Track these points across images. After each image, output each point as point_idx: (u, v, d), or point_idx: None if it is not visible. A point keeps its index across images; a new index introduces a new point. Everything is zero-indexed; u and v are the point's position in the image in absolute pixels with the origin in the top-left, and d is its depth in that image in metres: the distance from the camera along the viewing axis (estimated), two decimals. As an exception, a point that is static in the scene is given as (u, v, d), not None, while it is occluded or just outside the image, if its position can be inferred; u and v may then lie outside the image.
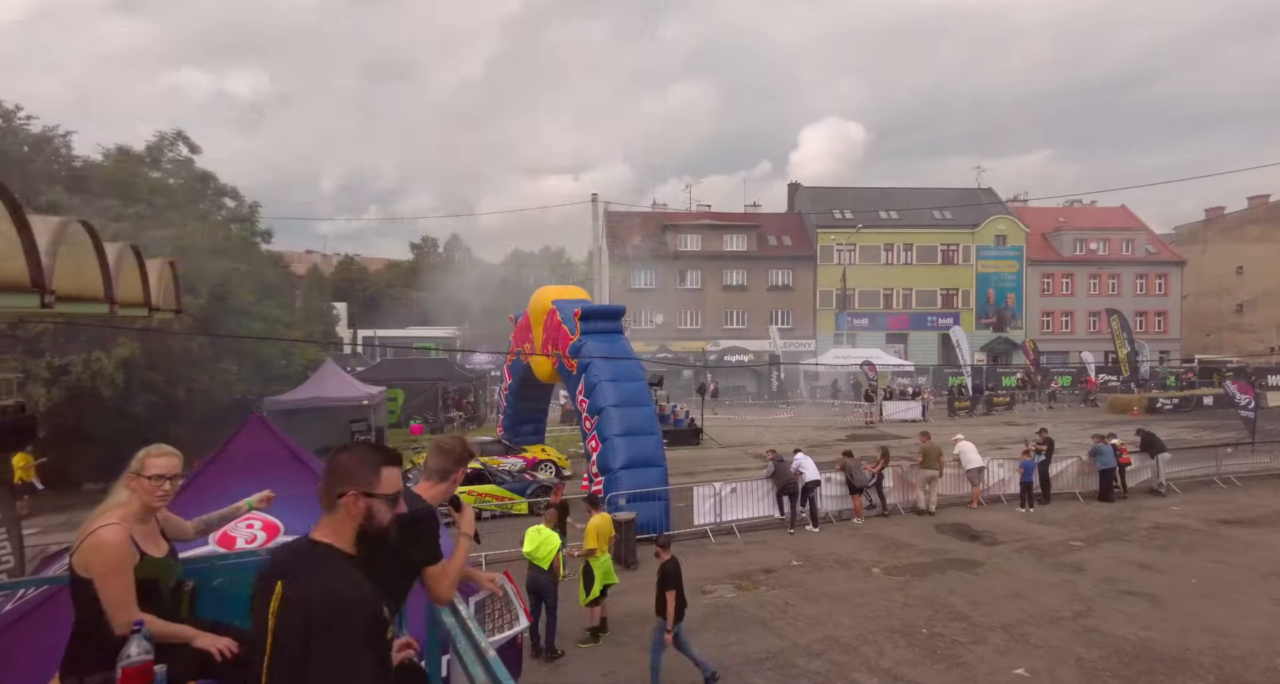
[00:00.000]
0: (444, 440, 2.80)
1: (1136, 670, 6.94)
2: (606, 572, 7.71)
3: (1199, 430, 23.78)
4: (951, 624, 8.13)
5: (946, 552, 10.99)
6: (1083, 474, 14.75)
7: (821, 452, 19.56)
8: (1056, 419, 27.36)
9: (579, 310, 13.61)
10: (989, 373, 36.87)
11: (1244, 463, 16.47)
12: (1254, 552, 10.83)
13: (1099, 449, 14.45)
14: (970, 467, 13.83)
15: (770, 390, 36.98)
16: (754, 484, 12.62)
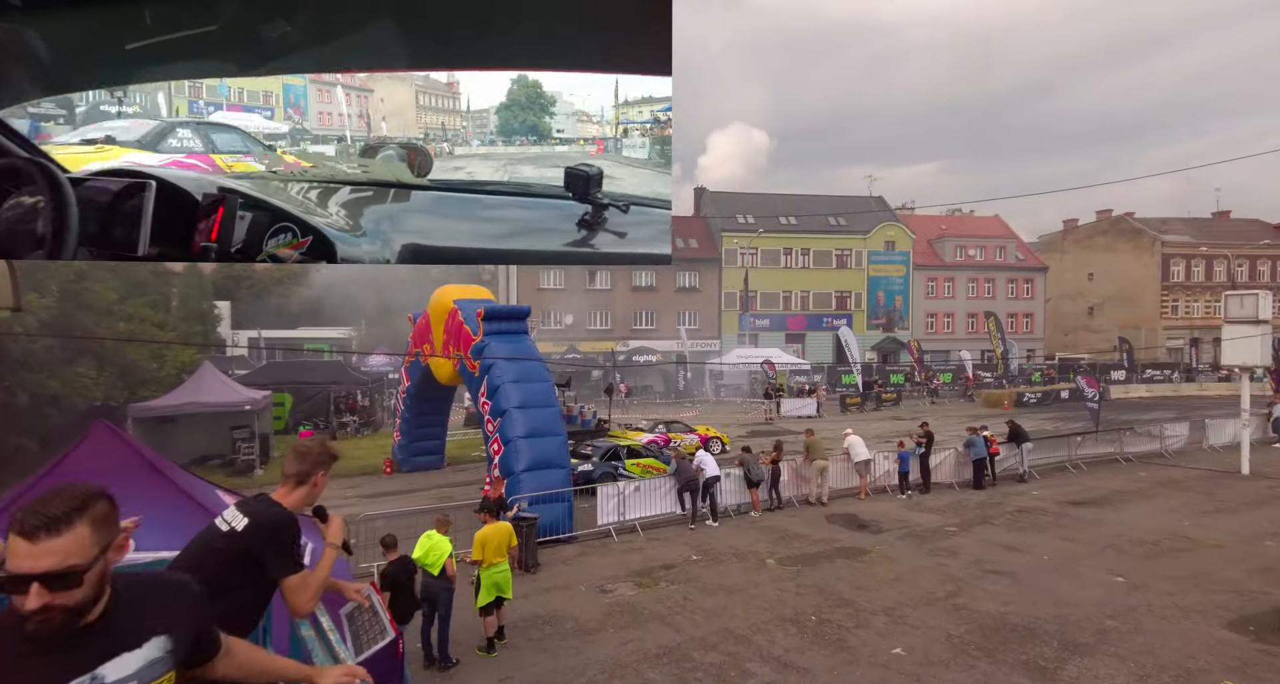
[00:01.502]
0: (301, 443, 2.68)
1: (995, 642, 7.59)
2: (498, 584, 7.48)
3: (1056, 421, 26.27)
4: (838, 610, 8.58)
5: (836, 541, 11.58)
6: (959, 464, 15.95)
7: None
8: (938, 413, 29.46)
9: (482, 310, 13.34)
10: (878, 371, 39.19)
11: (1091, 450, 18.37)
12: (1095, 528, 12.10)
13: (972, 441, 15.69)
14: (858, 459, 14.66)
15: (677, 390, 37.68)
16: (657, 482, 12.81)
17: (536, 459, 11.65)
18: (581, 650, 7.58)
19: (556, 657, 7.46)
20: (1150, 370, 42.13)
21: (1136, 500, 14.32)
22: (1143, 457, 18.74)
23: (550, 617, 8.51)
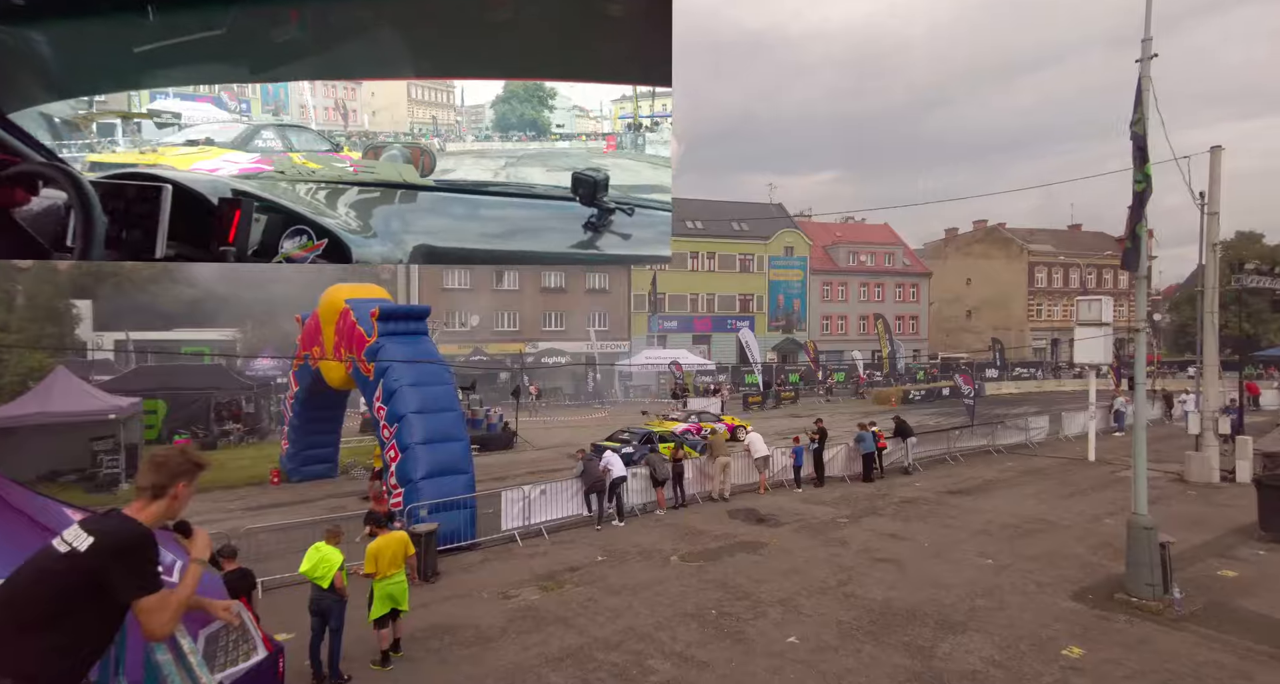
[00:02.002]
0: (158, 452, 2.48)
1: (880, 626, 8.09)
2: (392, 596, 7.19)
3: (938, 416, 28.30)
4: (737, 603, 8.86)
5: (736, 536, 11.95)
6: (850, 459, 16.85)
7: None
8: (832, 411, 30.98)
9: (377, 310, 12.78)
10: (778, 370, 40.78)
11: (967, 442, 19.93)
12: (970, 515, 13.14)
13: (861, 436, 16.63)
14: (758, 456, 15.20)
15: (587, 391, 37.63)
16: (563, 485, 12.74)
17: (437, 466, 11.30)
18: (481, 658, 7.43)
19: (455, 666, 7.28)
20: (1019, 368, 46.26)
21: (1004, 488, 15.66)
22: (1011, 448, 20.52)
23: (450, 626, 8.28)
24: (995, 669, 6.97)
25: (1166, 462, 17.12)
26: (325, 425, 17.11)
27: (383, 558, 7.17)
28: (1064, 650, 7.36)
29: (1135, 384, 9.89)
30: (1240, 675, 6.83)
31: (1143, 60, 8.61)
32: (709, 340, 46.21)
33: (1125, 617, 8.26)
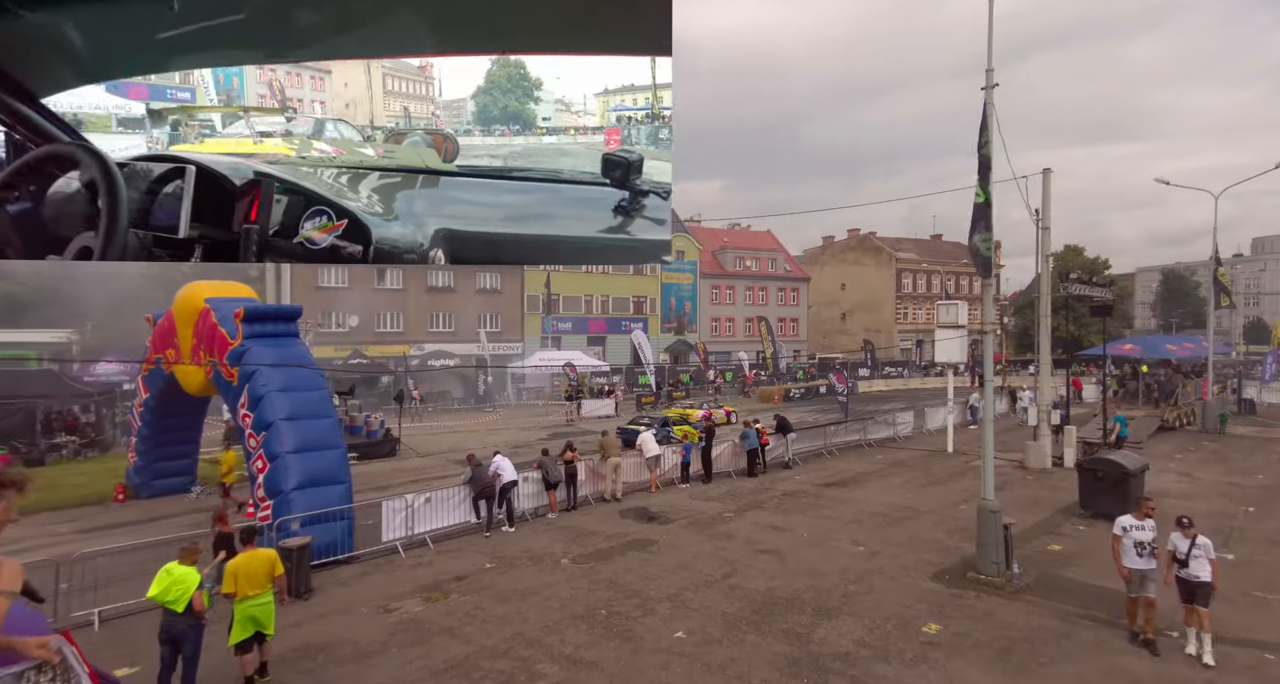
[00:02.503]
0: None
1: (762, 615, 8.45)
2: (254, 618, 6.65)
3: (816, 413, 29.97)
4: (627, 601, 8.96)
5: (628, 535, 12.08)
6: (735, 455, 17.49)
7: (524, 452, 20.01)
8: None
9: (241, 310, 11.80)
10: (670, 371, 41.64)
11: (842, 438, 21.25)
12: (844, 506, 14.02)
13: (746, 433, 17.32)
14: (649, 455, 15.44)
15: (478, 394, 36.62)
16: (450, 492, 12.33)
17: (310, 475, 10.60)
18: (360, 676, 7.05)
19: (330, 689, 6.85)
20: (888, 367, 49.88)
21: (875, 479, 16.83)
22: (880, 441, 22.09)
23: (325, 644, 7.79)
24: (864, 650, 7.48)
25: (1011, 451, 19.07)
26: (181, 435, 15.56)
27: (242, 577, 6.61)
28: (924, 627, 8.02)
29: (984, 381, 10.96)
30: (1062, 636, 7.75)
31: (987, 89, 9.57)
32: (603, 342, 46.38)
33: (975, 593, 9.12)
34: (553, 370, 36.48)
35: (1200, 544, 7.03)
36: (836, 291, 61.86)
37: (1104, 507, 12.53)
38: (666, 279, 49.17)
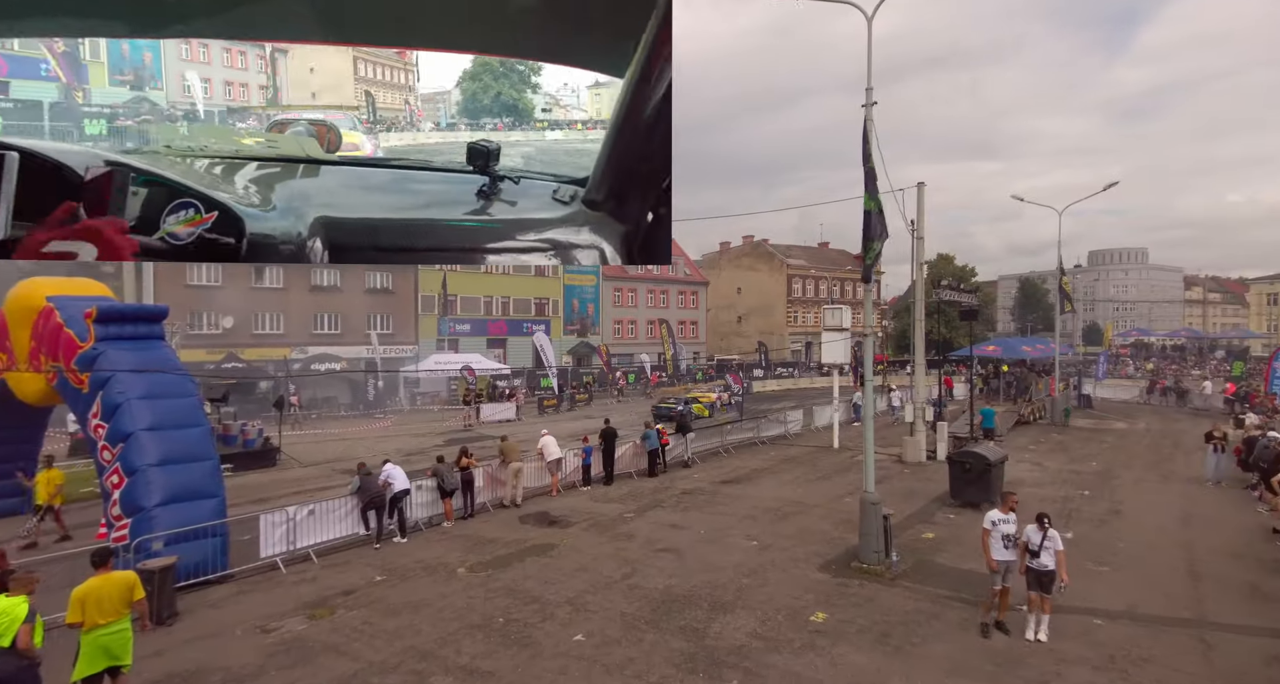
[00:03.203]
0: None
1: (660, 613, 8.59)
2: (106, 649, 5.98)
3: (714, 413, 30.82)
4: (526, 608, 8.83)
5: (528, 540, 11.91)
6: (636, 455, 17.67)
7: (419, 459, 19.27)
8: (623, 411, 32.22)
9: (93, 310, 10.62)
10: (573, 373, 41.49)
11: (737, 436, 21.99)
12: (739, 502, 14.51)
13: (647, 434, 17.55)
14: (550, 459, 15.30)
15: (367, 400, 34.84)
16: (336, 502, 11.66)
17: (176, 490, 9.69)
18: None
19: (198, 722, 6.31)
20: (780, 368, 52.10)
21: (768, 476, 17.52)
22: (773, 439, 23.03)
23: (192, 672, 7.16)
24: (757, 641, 7.77)
25: (891, 446, 20.43)
26: (15, 449, 13.79)
27: (91, 604, 5.94)
28: (812, 617, 8.44)
29: (864, 381, 11.68)
30: (934, 617, 8.40)
31: (866, 106, 10.24)
32: (504, 344, 45.51)
33: (858, 581, 9.69)
34: (449, 374, 35.37)
35: (1051, 536, 7.53)
36: (733, 295, 63.93)
37: (970, 496, 13.71)
38: (569, 281, 48.98)
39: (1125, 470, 17.59)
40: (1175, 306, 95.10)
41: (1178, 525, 12.45)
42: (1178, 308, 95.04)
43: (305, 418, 29.64)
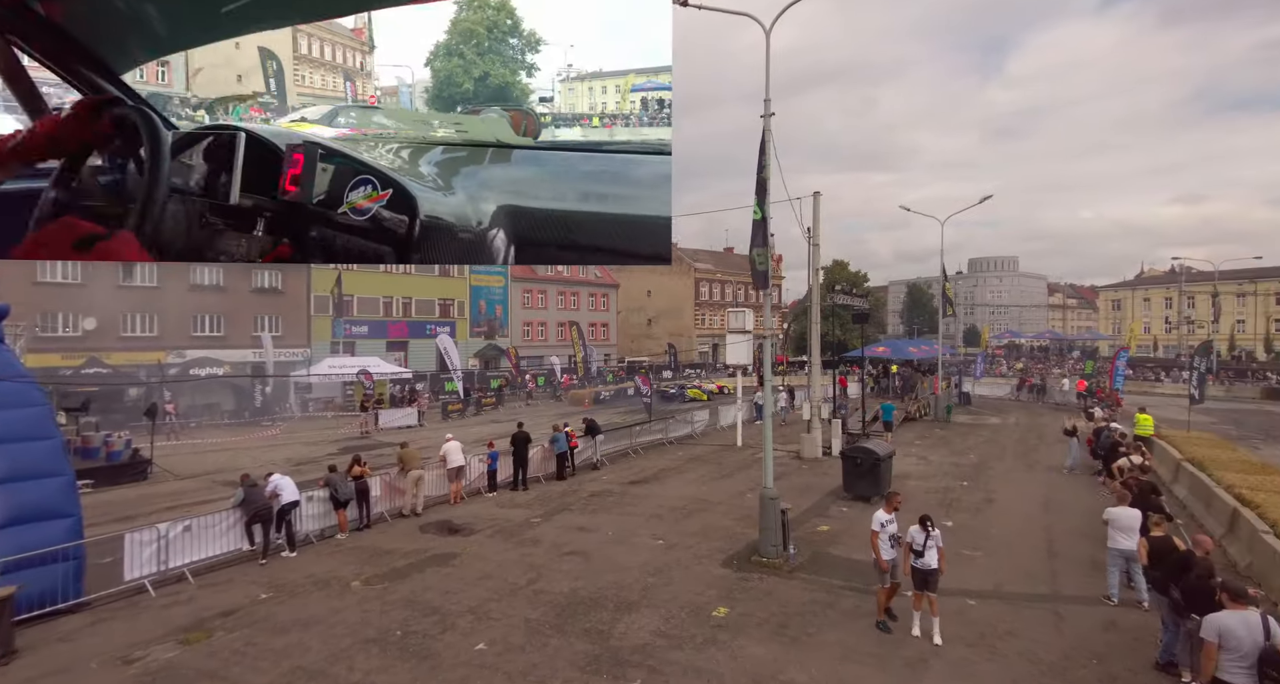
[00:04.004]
0: None
1: (566, 617, 8.53)
2: None
3: (624, 414, 30.99)
4: (425, 619, 8.52)
5: (428, 550, 11.50)
6: (545, 459, 17.47)
7: (310, 469, 18.24)
8: (532, 413, 31.84)
9: (-84, 308, 9.34)
10: (480, 377, 40.52)
11: (646, 437, 22.20)
12: (646, 502, 14.65)
13: (555, 437, 17.39)
14: (452, 465, 14.85)
15: (254, 407, 32.54)
16: (217, 517, 10.82)
17: (18, 511, 8.65)
18: (87, 748, 5.90)
19: (44, 768, 5.65)
20: (688, 369, 53.11)
21: (675, 475, 17.80)
22: (680, 439, 23.43)
23: (38, 717, 6.41)
24: (660, 639, 7.86)
25: (790, 443, 21.27)
26: None
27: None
28: (714, 612, 8.63)
29: (764, 381, 12.10)
30: (828, 606, 8.81)
31: (765, 117, 10.63)
32: (405, 347, 43.80)
33: (758, 575, 10.01)
34: (345, 379, 33.64)
35: (934, 535, 7.79)
36: (643, 298, 64.60)
37: (862, 489, 14.49)
38: (476, 282, 47.84)
39: (998, 462, 19.15)
40: (1041, 310, 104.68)
41: (1040, 510, 13.68)
42: (1043, 312, 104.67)
43: (183, 427, 27.35)
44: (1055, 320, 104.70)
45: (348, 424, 28.86)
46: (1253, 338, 65.94)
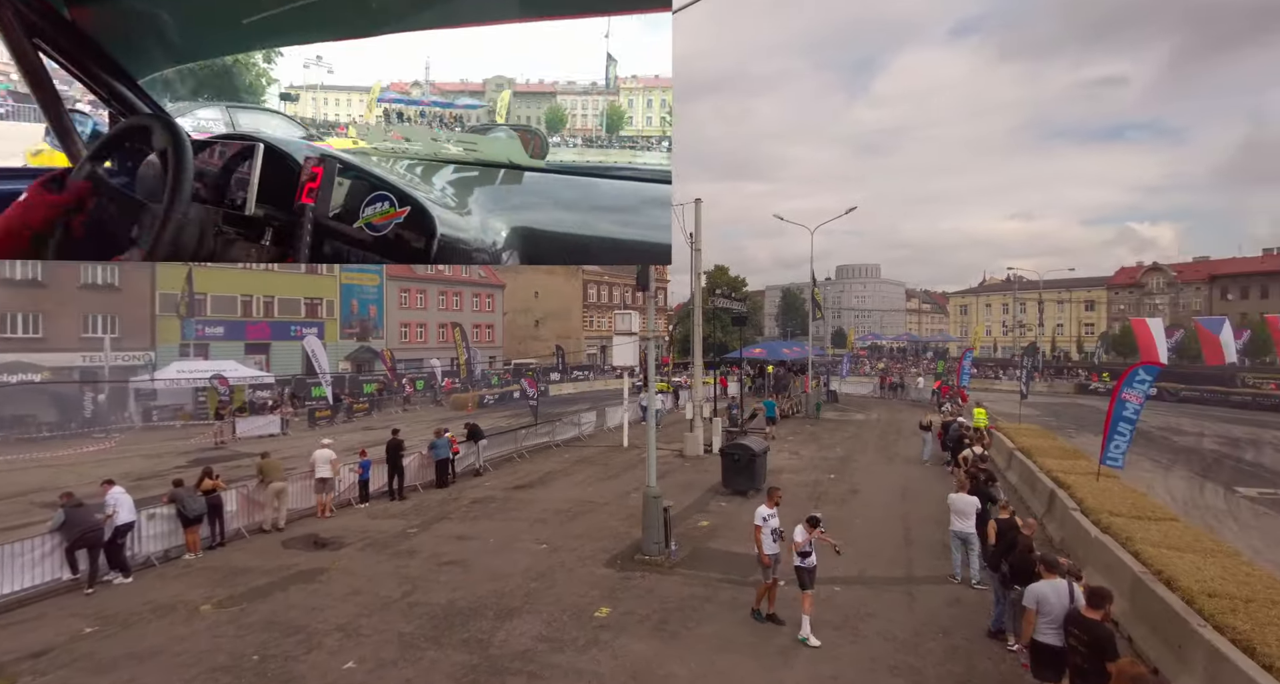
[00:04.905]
0: None
1: (443, 629, 8.22)
2: None
3: (510, 418, 30.37)
4: (287, 640, 7.91)
5: (293, 566, 10.69)
6: (423, 466, 16.75)
7: (154, 484, 16.45)
8: (410, 420, 30.42)
9: None
10: (352, 381, 38.21)
11: (533, 441, 21.89)
12: (530, 507, 14.44)
13: (435, 443, 16.73)
14: (318, 476, 13.89)
15: (82, 417, 28.79)
16: (27, 543, 9.44)
17: None
18: None
19: None
20: (576, 371, 52.97)
21: (561, 477, 17.68)
22: (568, 441, 23.31)
23: None
24: (542, 644, 7.77)
25: (675, 442, 21.76)
26: None
27: None
28: (596, 613, 8.65)
29: (648, 382, 12.31)
30: (707, 600, 9.09)
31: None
32: (267, 350, 40.54)
33: (641, 573, 10.15)
34: (196, 384, 30.59)
35: (813, 536, 7.90)
36: (531, 299, 63.67)
37: (739, 484, 15.09)
38: (348, 280, 45.15)
39: (862, 455, 20.61)
40: (900, 314, 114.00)
41: (898, 500, 14.87)
42: (902, 316, 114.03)
43: (-12, 442, 23.70)
44: (912, 324, 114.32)
45: (200, 434, 26.28)
46: (1069, 340, 75.37)
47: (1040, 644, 5.77)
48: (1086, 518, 10.25)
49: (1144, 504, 10.80)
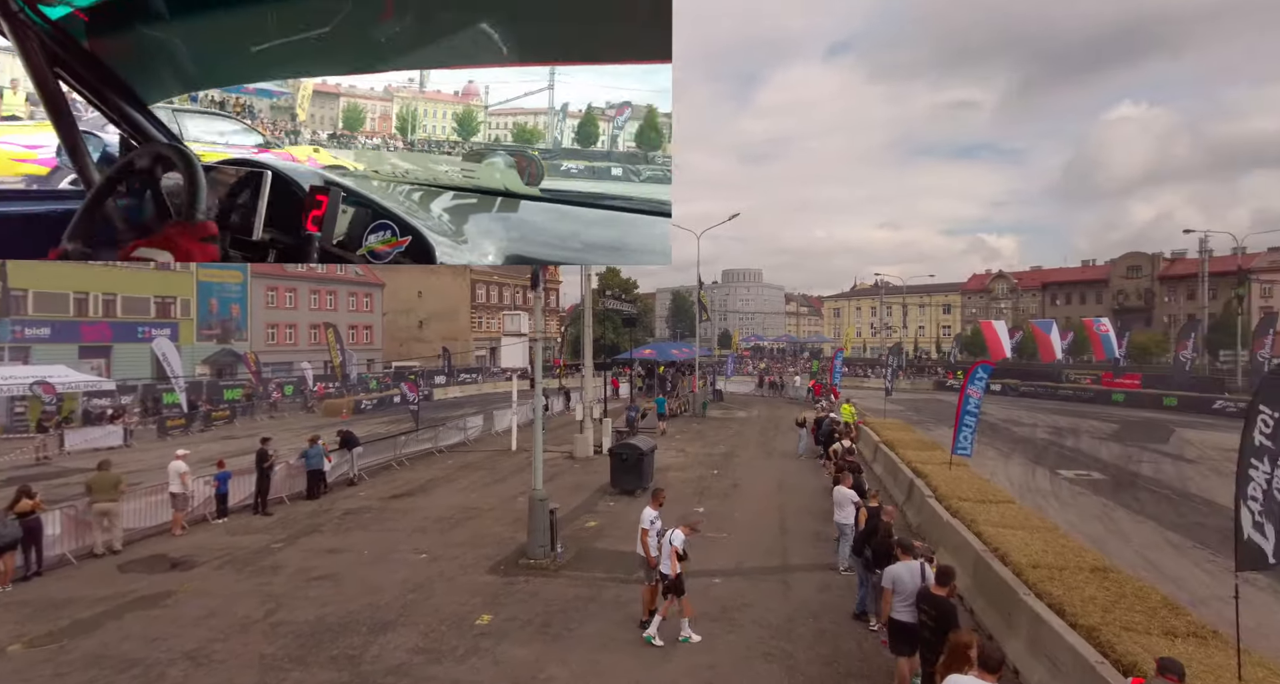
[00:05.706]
0: None
1: (309, 647, 7.69)
2: None
3: (389, 424, 28.91)
4: (119, 676, 7.08)
5: (131, 593, 9.59)
6: (290, 476, 15.58)
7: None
8: (278, 427, 28.31)
9: None
10: (211, 387, 34.94)
11: (413, 447, 20.97)
12: (409, 516, 13.83)
13: (307, 452, 15.62)
14: (171, 490, 12.58)
15: None
16: None
17: None
18: None
19: None
20: (464, 374, 51.36)
21: (444, 484, 17.07)
22: (452, 447, 22.54)
23: None
24: (419, 656, 7.45)
25: (564, 443, 21.61)
26: None
27: None
28: (477, 620, 8.41)
29: (534, 383, 12.15)
30: (591, 600, 9.09)
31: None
32: (108, 352, 36.28)
33: (525, 577, 9.98)
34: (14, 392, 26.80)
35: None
36: (414, 299, 61.08)
37: (627, 484, 15.23)
38: (206, 277, 41.32)
39: (743, 451, 21.45)
40: (780, 317, 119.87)
41: (776, 492, 15.60)
42: (782, 318, 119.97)
43: None
44: (791, 326, 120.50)
45: (18, 449, 22.99)
46: (929, 341, 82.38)
47: (896, 621, 6.25)
48: (940, 503, 11.21)
49: (987, 489, 11.99)
